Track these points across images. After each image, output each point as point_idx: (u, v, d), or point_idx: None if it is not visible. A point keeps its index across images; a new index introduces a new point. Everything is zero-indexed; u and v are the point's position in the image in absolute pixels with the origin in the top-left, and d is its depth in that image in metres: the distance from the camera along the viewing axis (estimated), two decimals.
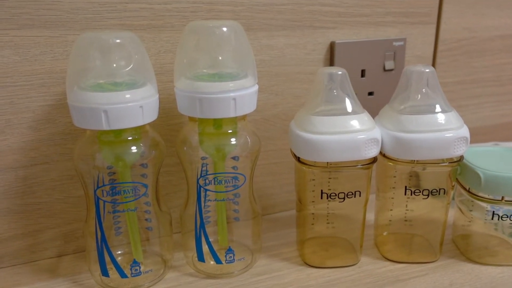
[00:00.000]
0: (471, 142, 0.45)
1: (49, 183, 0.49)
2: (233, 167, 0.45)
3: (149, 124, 0.41)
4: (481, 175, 0.46)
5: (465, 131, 0.44)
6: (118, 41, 0.39)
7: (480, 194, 0.47)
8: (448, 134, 0.44)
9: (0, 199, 0.47)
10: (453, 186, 0.48)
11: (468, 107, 0.68)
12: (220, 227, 0.48)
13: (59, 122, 0.47)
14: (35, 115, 0.46)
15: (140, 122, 0.39)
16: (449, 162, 0.46)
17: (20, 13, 0.43)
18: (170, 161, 0.52)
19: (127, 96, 0.38)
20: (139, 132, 0.42)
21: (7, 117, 0.45)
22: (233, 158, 0.45)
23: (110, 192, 0.42)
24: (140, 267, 0.45)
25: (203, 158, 0.45)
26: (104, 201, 0.43)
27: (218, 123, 0.44)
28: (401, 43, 0.59)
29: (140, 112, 0.39)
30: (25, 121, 0.46)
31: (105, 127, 0.38)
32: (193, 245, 0.47)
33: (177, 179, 0.54)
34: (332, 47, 0.56)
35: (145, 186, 0.43)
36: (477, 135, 0.69)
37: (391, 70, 0.59)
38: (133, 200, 0.43)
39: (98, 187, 0.42)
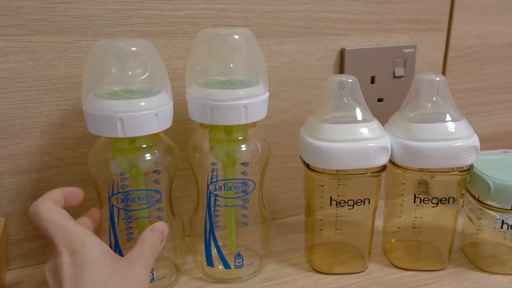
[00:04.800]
0: (481, 149, 0.45)
1: (61, 186, 0.49)
2: (243, 173, 0.46)
3: (163, 130, 0.42)
4: (491, 184, 0.46)
5: (475, 140, 0.44)
6: (134, 48, 0.39)
7: (489, 202, 0.47)
8: (458, 143, 0.44)
9: (13, 201, 0.48)
10: (462, 194, 0.48)
11: (478, 114, 0.68)
12: (229, 232, 0.48)
13: (72, 126, 0.48)
14: (49, 119, 0.47)
15: (155, 130, 0.40)
16: (458, 171, 0.46)
17: (35, 19, 0.43)
18: (179, 166, 0.52)
19: (142, 104, 0.38)
20: (153, 139, 0.42)
21: (21, 121, 0.46)
22: (243, 163, 0.45)
23: (125, 199, 0.42)
24: (153, 274, 0.45)
25: (212, 164, 0.45)
26: (119, 208, 0.43)
27: (228, 129, 0.44)
28: (412, 50, 0.59)
29: (155, 120, 0.39)
30: (39, 125, 0.47)
31: (120, 135, 0.38)
32: (202, 249, 0.48)
33: (186, 183, 0.55)
34: (342, 53, 0.56)
35: (159, 193, 0.43)
36: (487, 142, 0.69)
37: (401, 77, 0.59)
38: (147, 208, 0.43)
39: (113, 194, 0.42)
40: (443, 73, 0.63)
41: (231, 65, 0.43)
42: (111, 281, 0.34)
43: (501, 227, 0.48)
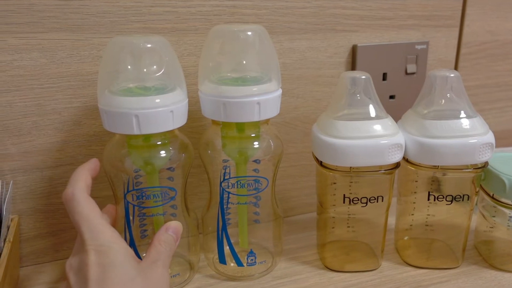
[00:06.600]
0: None
1: None
2: (255, 170, 0.46)
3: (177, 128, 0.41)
4: (506, 181, 0.45)
5: (490, 137, 0.44)
6: (149, 45, 0.39)
7: (504, 200, 0.47)
8: (473, 140, 0.43)
9: (26, 198, 0.48)
10: (477, 192, 0.47)
11: (490, 111, 0.67)
12: (241, 229, 0.48)
13: (84, 124, 0.48)
14: (61, 117, 0.47)
15: (170, 127, 0.40)
16: (473, 168, 0.45)
17: (48, 17, 0.43)
18: None
19: (158, 101, 0.38)
20: (168, 136, 0.42)
21: (34, 119, 0.46)
22: (255, 161, 0.45)
23: (140, 196, 0.42)
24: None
25: (224, 161, 0.45)
26: (133, 205, 0.43)
27: (241, 126, 0.44)
28: (424, 46, 0.59)
29: (170, 117, 0.39)
30: (51, 122, 0.47)
31: (136, 131, 0.38)
32: (214, 246, 0.48)
33: (197, 181, 0.54)
34: (354, 50, 0.56)
35: (174, 190, 0.43)
36: (500, 139, 0.68)
37: (413, 73, 0.59)
38: (161, 205, 0.43)
39: (128, 191, 0.42)
40: (455, 69, 0.63)
41: (244, 62, 0.43)
42: (135, 283, 0.34)
43: None
